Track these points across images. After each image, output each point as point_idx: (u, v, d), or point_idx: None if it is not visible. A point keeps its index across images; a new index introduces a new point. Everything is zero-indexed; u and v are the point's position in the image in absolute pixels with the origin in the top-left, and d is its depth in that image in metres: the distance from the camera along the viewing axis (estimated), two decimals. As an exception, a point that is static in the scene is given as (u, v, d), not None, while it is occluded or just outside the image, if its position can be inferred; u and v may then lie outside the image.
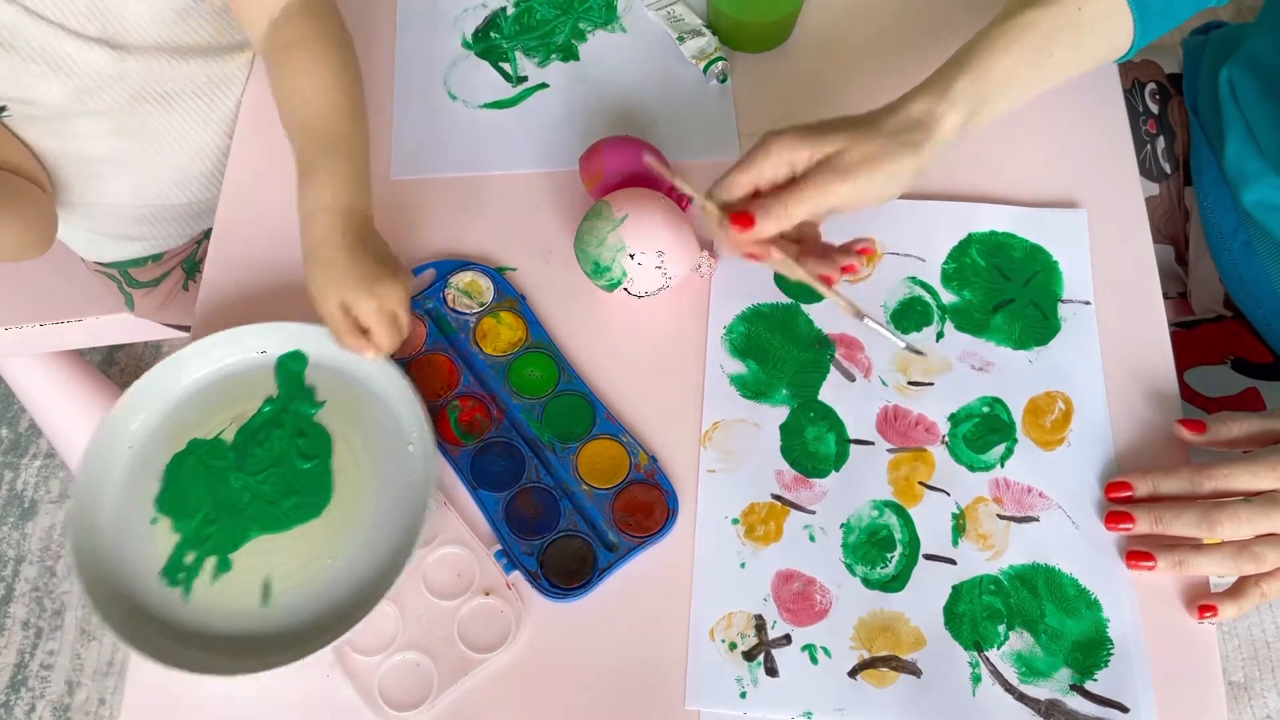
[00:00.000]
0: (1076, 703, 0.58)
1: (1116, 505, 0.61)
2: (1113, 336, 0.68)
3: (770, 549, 0.62)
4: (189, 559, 0.62)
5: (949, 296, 0.70)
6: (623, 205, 0.66)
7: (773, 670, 0.59)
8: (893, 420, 0.66)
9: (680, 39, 0.82)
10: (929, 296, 0.70)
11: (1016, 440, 0.65)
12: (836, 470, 0.65)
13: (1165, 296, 0.70)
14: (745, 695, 0.58)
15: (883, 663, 0.59)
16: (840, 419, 0.66)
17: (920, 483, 0.64)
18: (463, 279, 0.72)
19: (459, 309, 0.71)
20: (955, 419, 0.66)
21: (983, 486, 0.64)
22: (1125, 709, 0.57)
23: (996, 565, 0.61)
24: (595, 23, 0.84)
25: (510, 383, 0.68)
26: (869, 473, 0.64)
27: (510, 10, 0.85)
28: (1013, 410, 0.66)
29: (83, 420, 1.25)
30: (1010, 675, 0.58)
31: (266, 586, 0.62)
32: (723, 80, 0.80)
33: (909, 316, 0.69)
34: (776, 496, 0.64)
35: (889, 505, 0.63)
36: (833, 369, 0.68)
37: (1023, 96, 0.63)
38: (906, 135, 0.58)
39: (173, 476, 0.65)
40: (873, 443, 0.65)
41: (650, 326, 0.70)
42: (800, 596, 0.61)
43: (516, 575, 0.62)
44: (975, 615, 0.60)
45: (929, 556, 0.62)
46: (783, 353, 0.68)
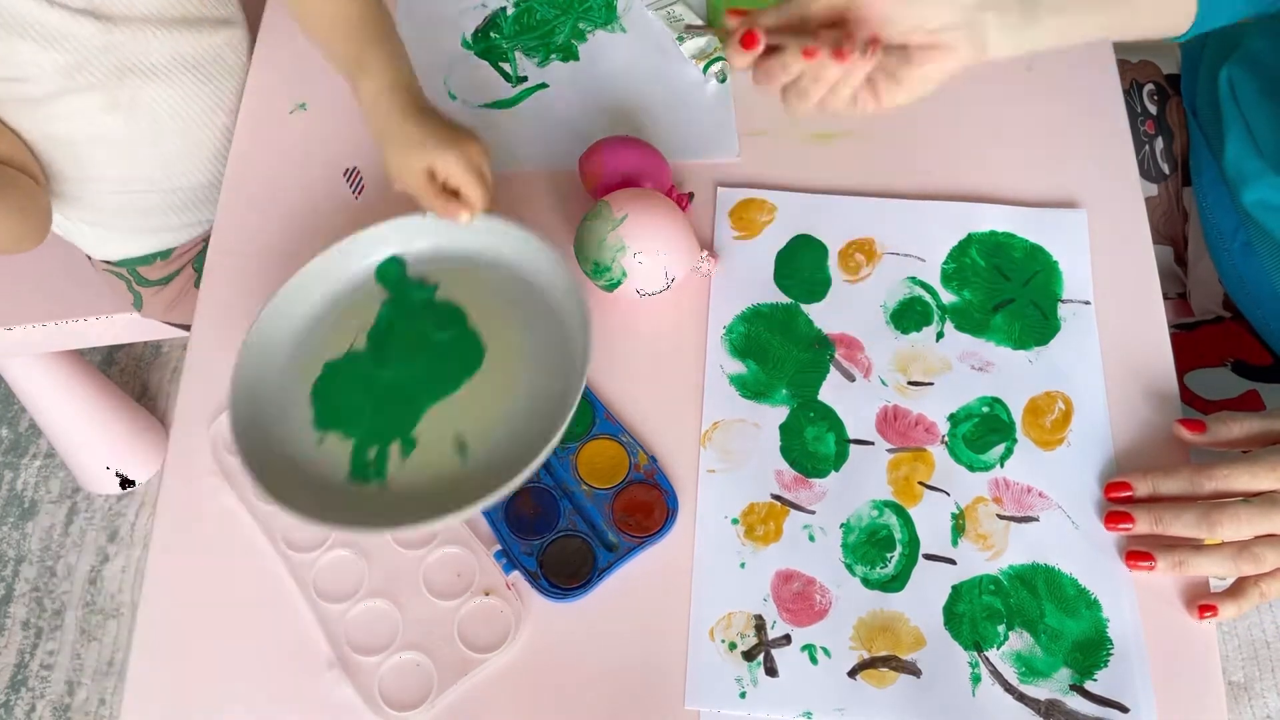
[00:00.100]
0: (1076, 703, 0.58)
1: (1116, 505, 0.61)
2: (1113, 336, 0.68)
3: (770, 549, 0.62)
4: (371, 454, 0.62)
5: (949, 296, 0.70)
6: (623, 205, 0.66)
7: (772, 670, 0.59)
8: (892, 420, 0.66)
9: (680, 39, 0.82)
10: (929, 296, 0.70)
11: (1016, 440, 0.65)
12: (836, 470, 0.65)
13: (1164, 297, 0.70)
14: (745, 695, 0.58)
15: (882, 663, 0.59)
16: (840, 419, 0.66)
17: (920, 483, 0.64)
18: (463, 278, 0.72)
19: (459, 308, 0.71)
20: (955, 419, 0.66)
21: (982, 486, 0.64)
22: (1125, 709, 0.57)
23: (996, 565, 0.61)
24: (595, 23, 0.84)
25: (510, 383, 0.68)
26: (869, 473, 0.64)
27: (510, 10, 0.85)
28: (1012, 410, 0.66)
29: (83, 420, 1.26)
30: (1010, 675, 0.59)
31: (460, 443, 0.61)
32: (722, 80, 0.80)
33: (909, 316, 0.69)
34: (776, 496, 0.64)
35: (889, 505, 0.63)
36: (832, 369, 0.68)
37: (1078, 24, 0.58)
38: None
39: (321, 398, 0.64)
40: (872, 443, 0.65)
41: (650, 326, 0.70)
42: (800, 596, 0.61)
43: (516, 575, 0.62)
44: (975, 615, 0.60)
45: (929, 556, 0.62)
46: (783, 353, 0.68)
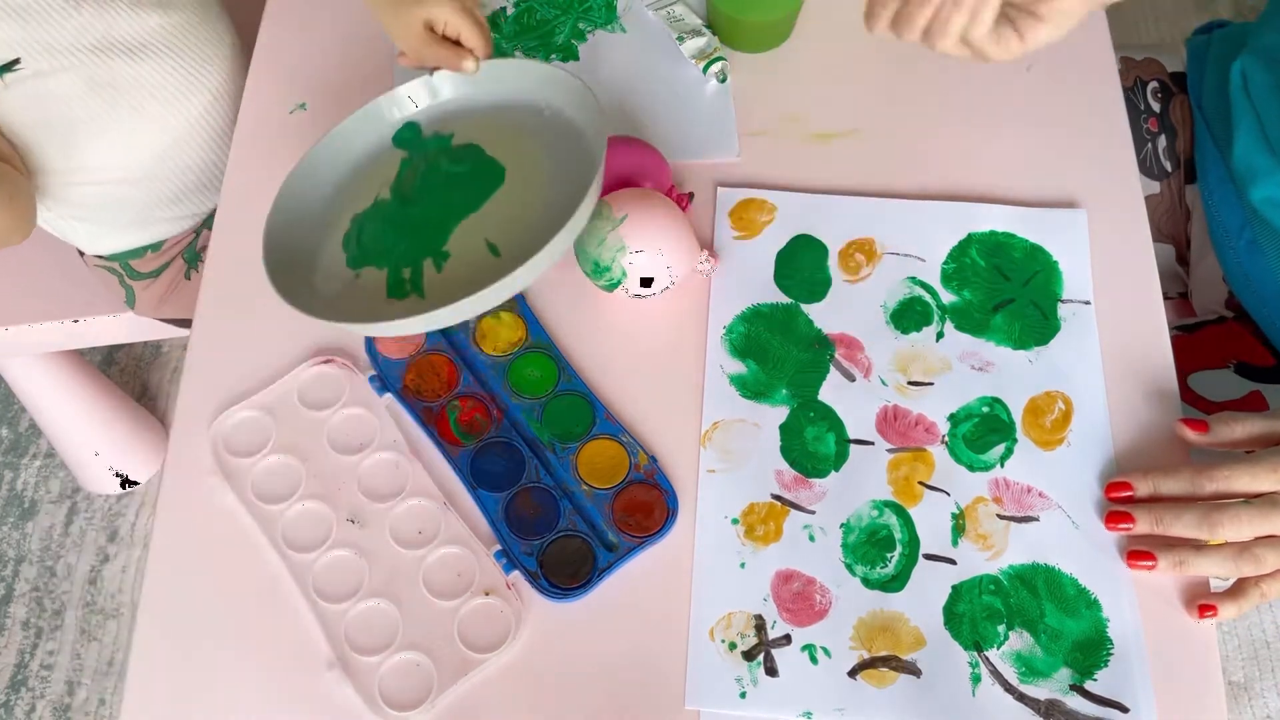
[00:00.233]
0: (1076, 703, 0.58)
1: (1116, 505, 0.61)
2: (1113, 336, 0.68)
3: (770, 549, 0.62)
4: (407, 274, 0.64)
5: (949, 296, 0.70)
6: (623, 205, 0.66)
7: (772, 670, 0.59)
8: (892, 420, 0.66)
9: (680, 39, 0.82)
10: (929, 296, 0.70)
11: (1016, 440, 0.65)
12: (836, 470, 0.65)
13: (1165, 297, 0.70)
14: (745, 695, 0.58)
15: (882, 663, 0.59)
16: (840, 419, 0.66)
17: (920, 483, 0.64)
18: (463, 278, 0.72)
19: (459, 308, 0.71)
20: (955, 419, 0.66)
21: (982, 486, 0.64)
22: (1125, 709, 0.57)
23: (996, 565, 0.61)
24: (595, 23, 0.84)
25: (510, 383, 0.68)
26: (869, 473, 0.64)
27: (510, 10, 0.85)
28: (1012, 410, 0.66)
29: (83, 420, 1.26)
30: (1010, 675, 0.58)
31: (491, 246, 0.63)
32: (722, 80, 0.80)
33: (909, 316, 0.69)
34: (776, 496, 0.64)
35: (889, 505, 0.63)
36: (832, 369, 0.68)
37: None
38: None
39: (352, 242, 0.66)
40: (872, 443, 0.65)
41: (650, 326, 0.70)
42: (800, 596, 0.61)
43: (516, 575, 0.62)
44: (975, 615, 0.60)
45: (929, 556, 0.62)
46: (782, 353, 0.68)
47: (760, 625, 0.60)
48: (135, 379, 1.47)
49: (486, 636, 0.61)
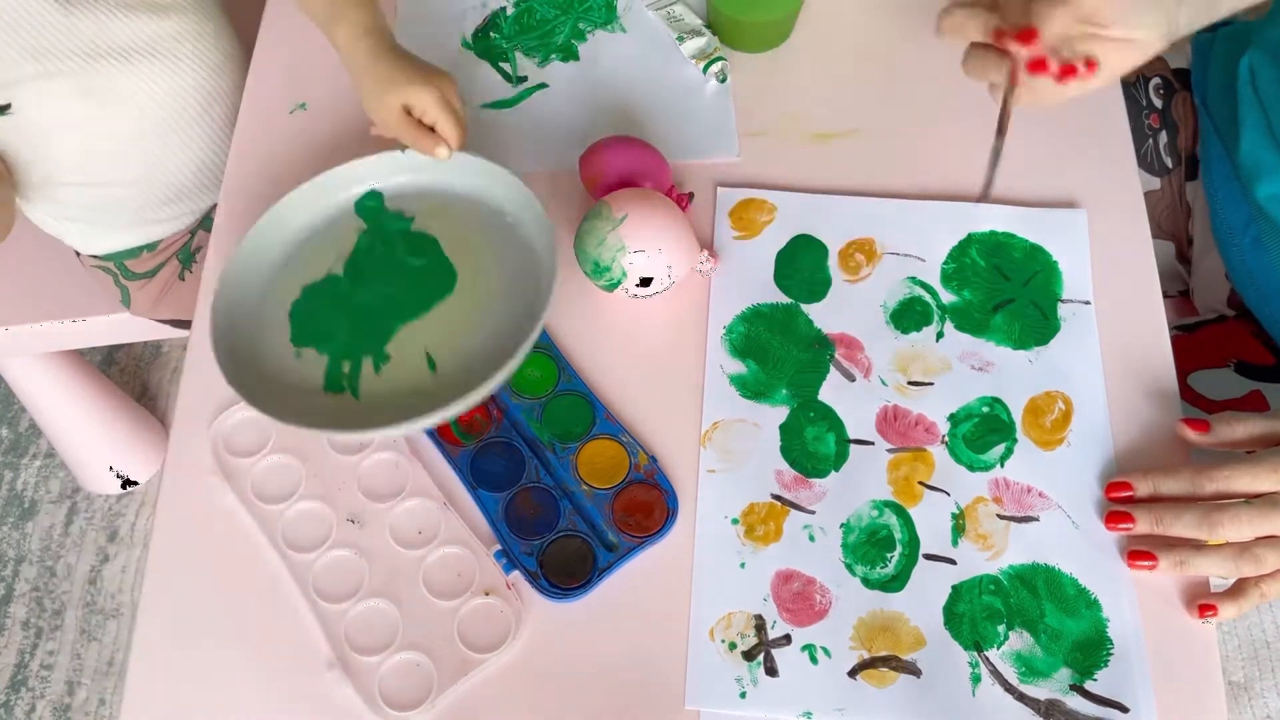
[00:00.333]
0: (1076, 703, 0.58)
1: (1117, 505, 0.61)
2: (1113, 336, 0.68)
3: (770, 549, 0.62)
4: (345, 368, 0.65)
5: (949, 296, 0.70)
6: (623, 205, 0.66)
7: (772, 670, 0.59)
8: (892, 420, 0.66)
9: (680, 39, 0.82)
10: (929, 296, 0.70)
11: (1016, 440, 0.65)
12: (836, 470, 0.65)
13: (1166, 295, 0.70)
14: (745, 695, 0.58)
15: (882, 663, 0.59)
16: (840, 419, 0.66)
17: (920, 483, 0.64)
18: (463, 278, 0.72)
19: (459, 308, 0.71)
20: (955, 419, 0.66)
21: (982, 486, 0.64)
22: (1125, 709, 0.57)
23: (996, 565, 0.61)
24: (595, 23, 0.84)
25: (510, 382, 0.68)
26: (869, 473, 0.64)
27: (510, 10, 0.85)
28: (1012, 410, 0.66)
29: (83, 420, 1.26)
30: (1010, 675, 0.58)
31: (429, 358, 0.64)
32: (722, 80, 0.80)
33: (909, 316, 0.69)
34: (776, 496, 0.64)
35: (889, 505, 0.63)
36: (832, 369, 0.68)
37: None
38: None
39: (299, 316, 0.67)
40: (872, 443, 0.65)
41: (650, 326, 0.70)
42: (800, 596, 0.61)
43: (516, 575, 0.62)
44: (975, 615, 0.60)
45: (929, 556, 0.62)
46: (782, 353, 0.68)
47: (760, 625, 0.60)
48: (135, 379, 1.47)
49: (486, 636, 0.61)
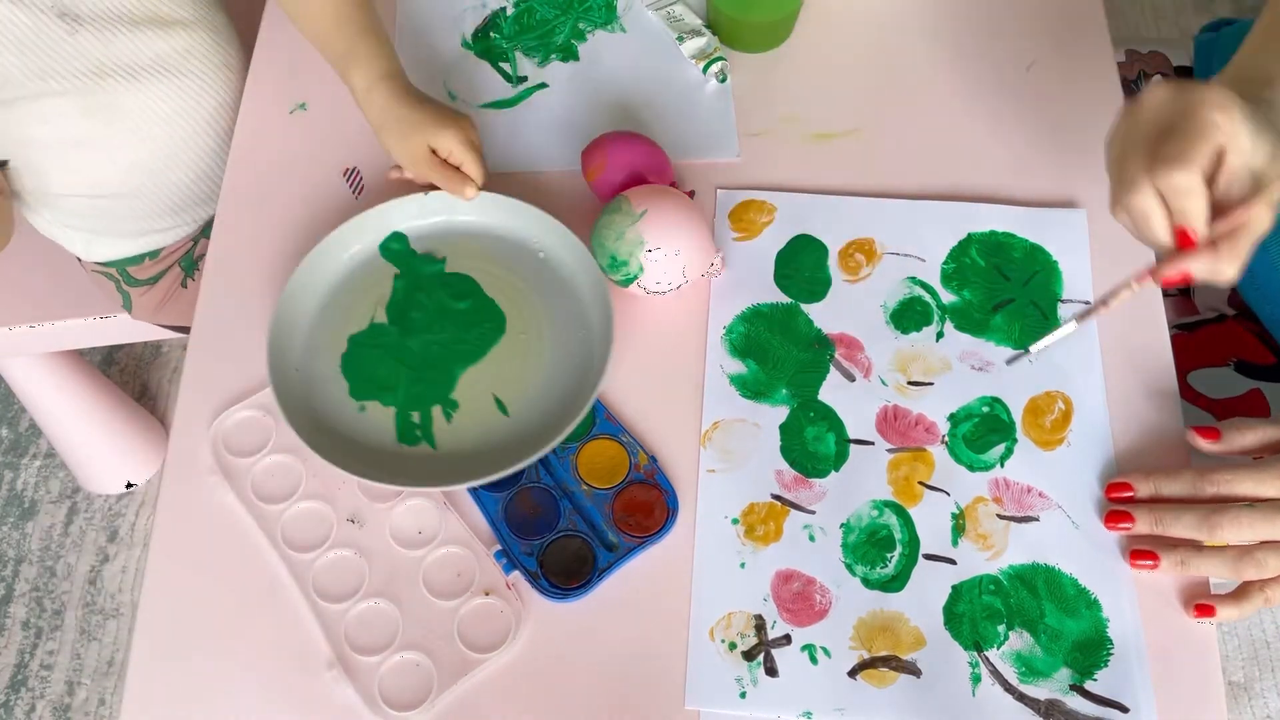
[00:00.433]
0: (1076, 703, 0.58)
1: (1117, 505, 0.61)
2: (1113, 336, 0.68)
3: (770, 549, 0.62)
4: (416, 418, 0.65)
5: (949, 296, 0.70)
6: (642, 201, 0.67)
7: (772, 670, 0.59)
8: (892, 420, 0.66)
9: (680, 39, 0.82)
10: (929, 296, 0.70)
11: (1016, 440, 0.65)
12: (836, 470, 0.65)
13: (1165, 294, 0.69)
14: (745, 695, 0.58)
15: (882, 663, 0.59)
16: (840, 419, 0.66)
17: (920, 483, 0.64)
18: (463, 278, 0.72)
19: (459, 308, 0.71)
20: (955, 419, 0.66)
21: (982, 486, 0.64)
22: (1125, 709, 0.57)
23: (996, 565, 0.61)
24: (595, 23, 0.84)
25: (510, 383, 0.68)
26: (869, 473, 0.64)
27: (510, 10, 0.85)
28: (1012, 410, 0.66)
29: (83, 420, 1.26)
30: (1010, 675, 0.58)
31: (500, 403, 0.66)
32: (722, 80, 0.80)
33: (909, 316, 0.69)
34: (776, 496, 0.64)
35: (889, 505, 0.63)
36: (832, 369, 0.68)
37: None
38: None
39: (352, 370, 0.67)
40: (872, 443, 0.65)
41: (650, 326, 0.70)
42: (800, 596, 0.61)
43: (516, 575, 0.62)
44: (975, 615, 0.60)
45: (929, 556, 0.62)
46: (782, 353, 0.68)
47: (760, 625, 0.60)
48: (135, 379, 1.47)
49: (486, 636, 0.61)
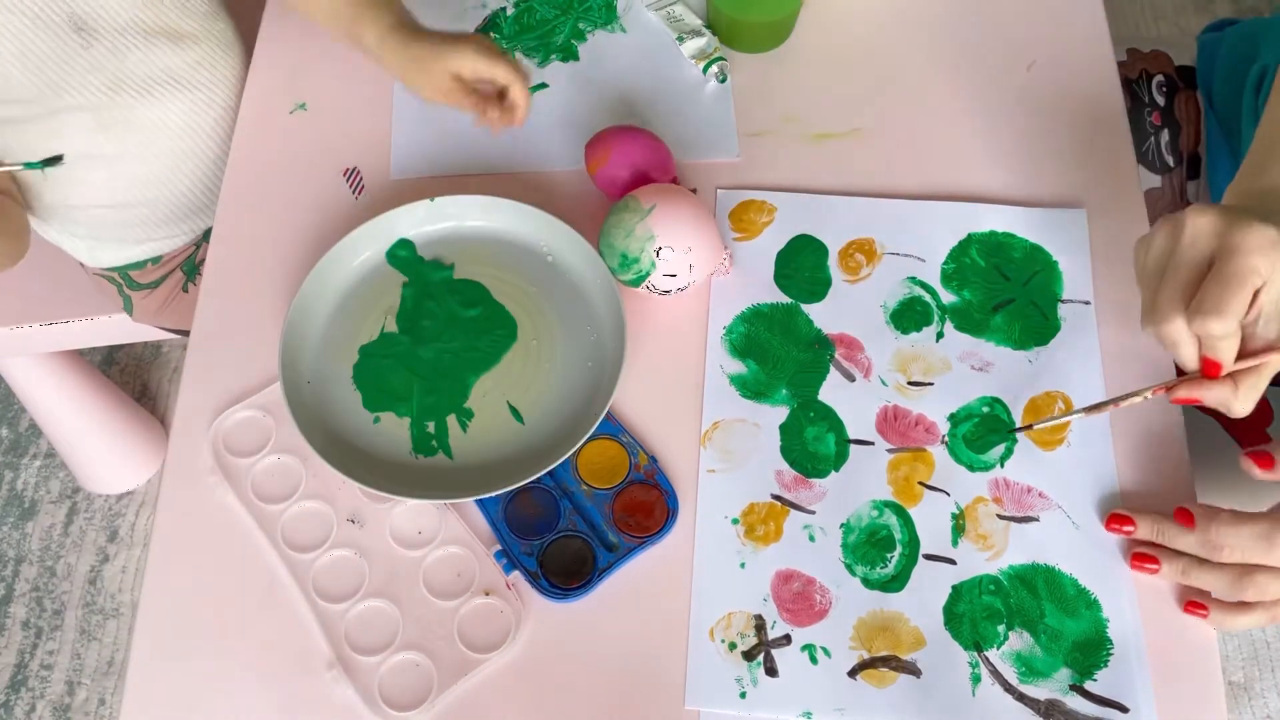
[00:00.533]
0: (1076, 703, 0.58)
1: (1119, 510, 0.61)
2: (1113, 336, 0.68)
3: (770, 549, 0.62)
4: (431, 428, 0.65)
5: (949, 296, 0.70)
6: (650, 197, 0.67)
7: (772, 670, 0.59)
8: (892, 420, 0.66)
9: (680, 39, 0.82)
10: (929, 296, 0.70)
11: (1016, 440, 0.65)
12: (836, 470, 0.65)
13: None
14: (745, 695, 0.58)
15: (882, 663, 0.59)
16: (840, 419, 0.66)
17: (920, 483, 0.64)
18: (463, 278, 0.72)
19: (459, 308, 0.71)
20: (955, 419, 0.66)
21: (982, 486, 0.64)
22: (1125, 709, 0.57)
23: (996, 565, 0.61)
24: (595, 23, 0.84)
25: (510, 383, 0.68)
26: (869, 473, 0.64)
27: (510, 10, 0.85)
28: (1012, 410, 0.66)
29: (83, 420, 1.26)
30: (1010, 675, 0.58)
31: (513, 409, 0.66)
32: (722, 80, 0.80)
33: (909, 316, 0.69)
34: (776, 496, 0.64)
35: (889, 505, 0.63)
36: (832, 369, 0.68)
37: None
38: None
39: (364, 381, 0.67)
40: (872, 443, 0.65)
41: (650, 326, 0.70)
42: (800, 596, 0.61)
43: (516, 575, 0.62)
44: (975, 615, 0.60)
45: (929, 556, 0.62)
46: (782, 353, 0.68)
47: (760, 625, 0.60)
48: (135, 379, 1.47)
49: (486, 636, 0.61)
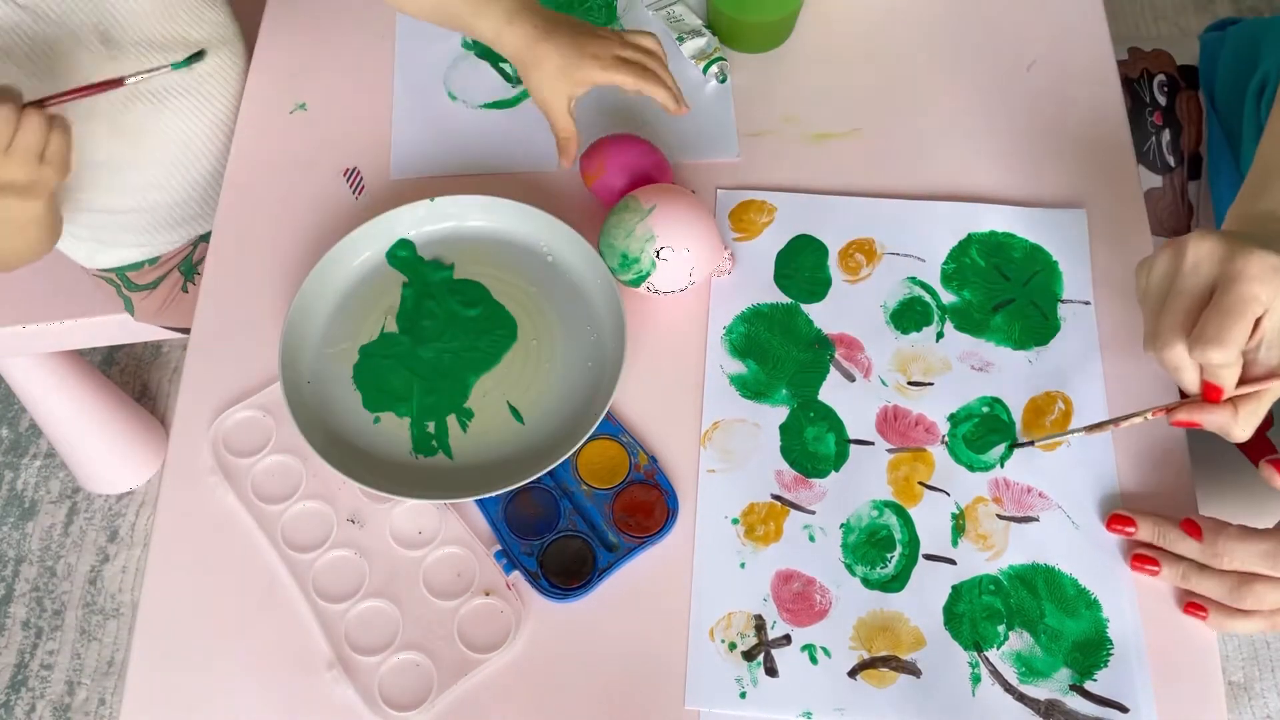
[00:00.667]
0: (1076, 703, 0.58)
1: (1119, 510, 0.61)
2: (1113, 336, 0.68)
3: (770, 549, 0.62)
4: (431, 428, 0.65)
5: (949, 296, 0.70)
6: (650, 197, 0.67)
7: (772, 670, 0.59)
8: (892, 420, 0.66)
9: (680, 39, 0.82)
10: (929, 296, 0.70)
11: (1016, 440, 0.65)
12: (836, 470, 0.65)
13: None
14: (745, 695, 0.58)
15: (882, 663, 0.59)
16: (840, 419, 0.66)
17: (920, 483, 0.64)
18: (463, 278, 0.72)
19: (459, 308, 0.71)
20: (955, 419, 0.66)
21: (982, 486, 0.64)
22: (1125, 709, 0.57)
23: (996, 565, 0.61)
24: (595, 22, 0.84)
25: (510, 383, 0.68)
26: (869, 473, 0.64)
27: (510, 10, 0.84)
28: (1012, 410, 0.66)
29: (83, 420, 1.26)
30: (1010, 675, 0.58)
31: (513, 409, 0.66)
32: (722, 80, 0.80)
33: (909, 316, 0.69)
34: (776, 496, 0.64)
35: (889, 505, 0.63)
36: (832, 369, 0.68)
37: None
38: None
39: (365, 381, 0.67)
40: (872, 443, 0.65)
41: (650, 326, 0.70)
42: (800, 596, 0.61)
43: (516, 575, 0.62)
44: (975, 615, 0.60)
45: (929, 556, 0.62)
46: (782, 353, 0.68)
47: (760, 625, 0.60)
48: (135, 379, 1.47)
49: (486, 636, 0.61)
